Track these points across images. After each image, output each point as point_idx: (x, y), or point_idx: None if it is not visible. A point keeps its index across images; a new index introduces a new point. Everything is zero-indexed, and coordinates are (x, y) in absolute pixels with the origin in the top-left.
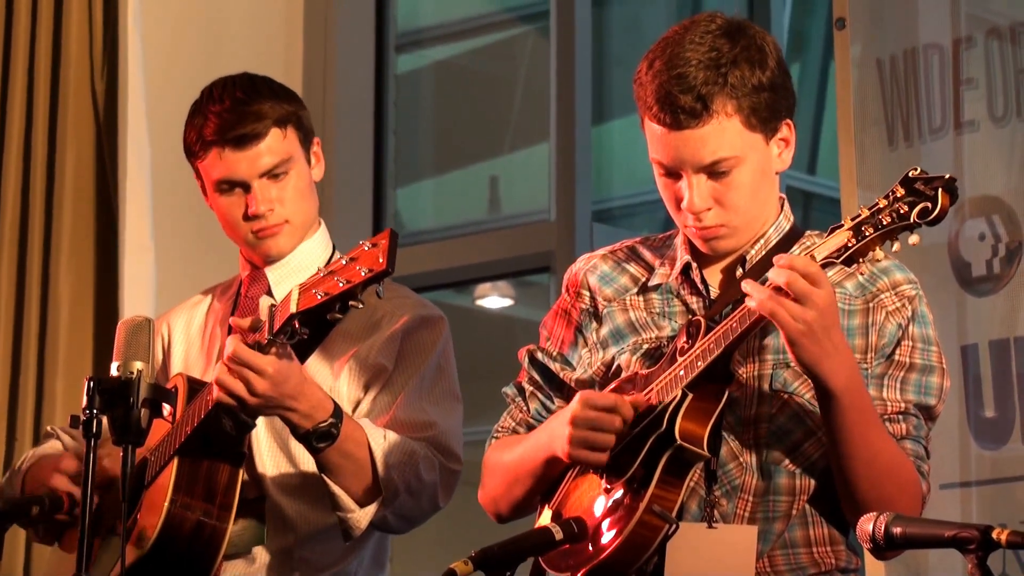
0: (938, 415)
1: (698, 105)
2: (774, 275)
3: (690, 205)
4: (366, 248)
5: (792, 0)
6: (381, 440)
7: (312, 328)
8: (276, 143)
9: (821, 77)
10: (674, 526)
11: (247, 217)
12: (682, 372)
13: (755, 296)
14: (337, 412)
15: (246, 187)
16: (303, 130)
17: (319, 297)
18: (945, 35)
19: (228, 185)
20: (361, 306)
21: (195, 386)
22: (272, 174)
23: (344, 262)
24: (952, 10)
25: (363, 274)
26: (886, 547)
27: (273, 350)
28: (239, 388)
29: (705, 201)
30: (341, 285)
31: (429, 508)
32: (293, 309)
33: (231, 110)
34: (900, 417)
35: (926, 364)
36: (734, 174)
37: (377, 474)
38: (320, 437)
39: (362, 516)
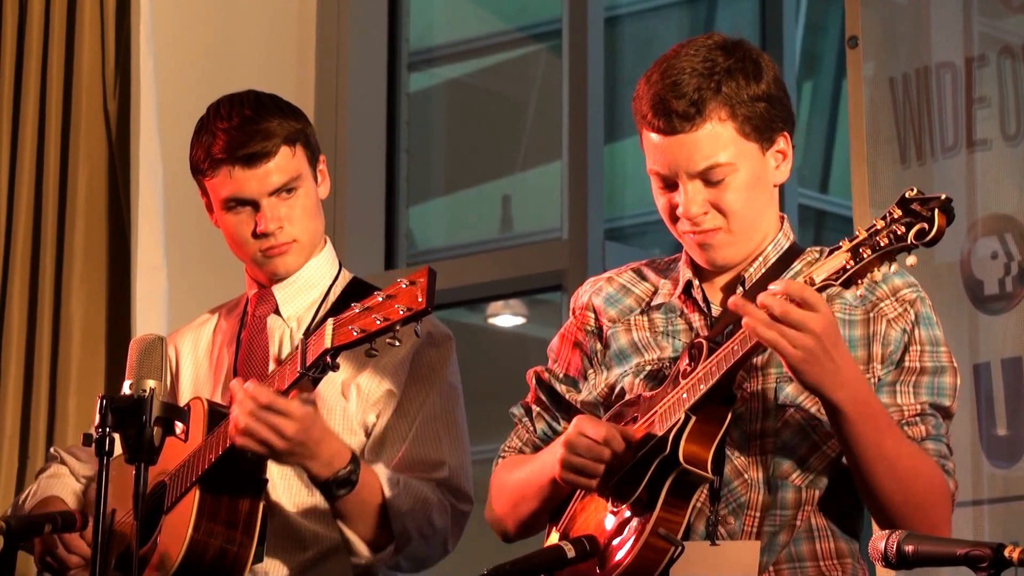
0: (954, 413)
1: (691, 109)
2: (768, 301)
3: (686, 210)
4: (403, 286)
5: (804, 20)
6: (395, 487)
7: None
8: (285, 161)
9: (833, 96)
10: (680, 548)
11: (256, 235)
12: (685, 395)
13: (753, 324)
14: (355, 459)
15: (255, 205)
16: (310, 148)
17: (355, 334)
18: (957, 54)
19: (237, 203)
20: (398, 344)
21: (215, 409)
22: (281, 192)
23: (381, 299)
24: (964, 29)
25: (401, 312)
26: (898, 565)
27: (293, 393)
28: (270, 436)
29: (701, 205)
30: (379, 323)
31: (440, 552)
32: (328, 344)
33: (240, 128)
34: (918, 419)
35: (937, 366)
36: (729, 181)
37: (390, 521)
38: (340, 484)
39: (376, 562)
